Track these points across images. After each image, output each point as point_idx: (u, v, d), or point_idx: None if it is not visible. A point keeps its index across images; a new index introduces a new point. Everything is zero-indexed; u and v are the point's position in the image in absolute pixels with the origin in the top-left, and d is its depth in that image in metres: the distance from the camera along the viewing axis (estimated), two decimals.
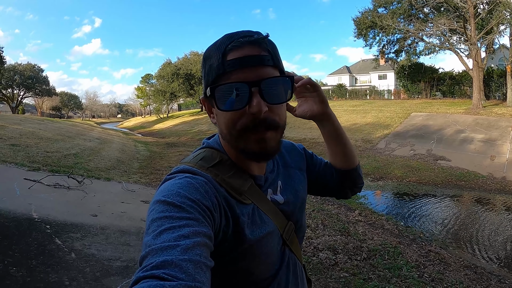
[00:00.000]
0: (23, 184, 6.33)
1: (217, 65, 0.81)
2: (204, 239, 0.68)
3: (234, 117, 0.82)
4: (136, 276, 0.60)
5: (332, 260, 4.53)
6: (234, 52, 0.80)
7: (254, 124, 0.81)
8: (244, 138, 0.83)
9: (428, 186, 10.75)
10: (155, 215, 0.71)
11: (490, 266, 5.31)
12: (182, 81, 48.53)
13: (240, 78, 0.80)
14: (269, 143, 0.84)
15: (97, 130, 28.59)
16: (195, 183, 0.78)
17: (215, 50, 0.83)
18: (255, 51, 0.81)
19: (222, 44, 0.82)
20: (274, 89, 0.82)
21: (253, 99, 0.79)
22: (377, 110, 24.73)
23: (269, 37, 0.85)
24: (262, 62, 0.81)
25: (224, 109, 0.82)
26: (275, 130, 0.85)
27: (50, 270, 3.35)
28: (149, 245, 0.65)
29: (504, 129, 15.04)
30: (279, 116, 0.85)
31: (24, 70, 57.56)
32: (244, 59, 0.80)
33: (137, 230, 5.02)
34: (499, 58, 26.82)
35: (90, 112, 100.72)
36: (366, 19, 27.33)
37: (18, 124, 17.62)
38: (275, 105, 0.83)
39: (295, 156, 1.14)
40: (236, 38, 0.81)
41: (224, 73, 0.81)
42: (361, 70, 62.62)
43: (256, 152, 0.85)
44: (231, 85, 0.79)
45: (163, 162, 13.04)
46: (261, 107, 0.79)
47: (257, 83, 0.79)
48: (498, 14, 19.41)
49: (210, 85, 0.83)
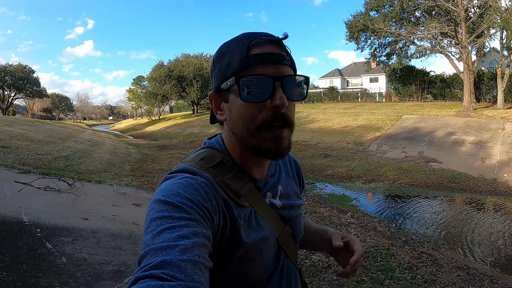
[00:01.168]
0: (13, 187, 6.25)
1: (241, 58, 0.82)
2: (203, 240, 0.68)
3: (254, 110, 0.82)
4: (135, 275, 0.59)
5: (324, 263, 4.52)
6: (257, 48, 0.83)
7: (274, 118, 0.82)
8: (260, 135, 0.83)
9: (420, 188, 10.81)
10: (155, 215, 0.71)
11: (483, 267, 5.34)
12: (174, 83, 48.40)
13: (264, 72, 0.81)
14: (283, 142, 0.85)
15: (88, 132, 28.44)
16: (195, 184, 0.78)
17: (235, 45, 0.85)
18: (276, 49, 0.84)
19: (244, 40, 0.84)
20: (293, 87, 0.85)
21: (276, 92, 0.81)
22: (369, 112, 24.85)
23: (287, 38, 0.87)
24: (283, 60, 0.84)
25: (248, 100, 0.82)
26: (289, 128, 0.86)
27: (41, 274, 3.30)
28: (148, 244, 0.65)
29: (495, 131, 15.19)
30: (292, 114, 0.87)
31: (15, 71, 57.11)
32: (268, 55, 0.82)
33: (128, 233, 4.98)
34: (490, 61, 27.07)
35: (81, 114, 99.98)
36: (358, 22, 27.50)
37: (9, 125, 17.47)
38: (292, 102, 0.85)
39: (296, 172, 1.15)
40: (258, 35, 0.84)
41: (248, 66, 0.82)
42: (352, 73, 62.88)
43: (271, 150, 0.85)
44: (257, 77, 0.81)
45: (154, 165, 12.97)
46: (284, 100, 0.81)
47: (280, 78, 0.81)
48: (488, 18, 19.61)
49: (231, 76, 0.84)
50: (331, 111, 28.00)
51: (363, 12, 27.81)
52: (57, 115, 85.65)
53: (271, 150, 0.85)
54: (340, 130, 21.15)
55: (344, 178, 12.28)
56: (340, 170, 13.41)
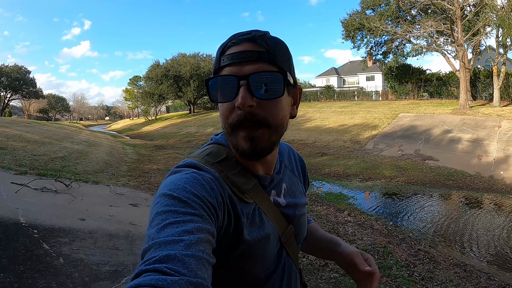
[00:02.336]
0: (10, 188, 6.23)
1: (216, 60, 0.85)
2: (208, 236, 0.68)
3: (225, 111, 0.83)
4: (138, 269, 0.59)
5: (322, 261, 4.52)
6: (232, 48, 0.83)
7: (244, 118, 0.81)
8: (235, 134, 0.84)
9: (417, 185, 10.83)
10: (160, 208, 0.71)
11: (480, 264, 5.36)
12: (171, 82, 48.32)
13: (231, 72, 0.81)
14: (259, 142, 0.83)
15: (85, 133, 28.33)
16: (202, 180, 0.78)
17: (218, 48, 0.86)
18: (250, 47, 0.82)
19: (225, 41, 0.85)
20: (264, 84, 0.81)
21: (239, 92, 0.80)
22: (365, 111, 24.89)
23: (269, 34, 0.86)
24: (254, 57, 0.81)
25: (215, 100, 0.84)
26: (266, 128, 0.83)
27: (38, 275, 3.30)
28: (153, 238, 0.65)
29: (491, 128, 15.25)
30: (270, 113, 0.83)
31: (11, 71, 56.91)
32: (236, 54, 0.81)
33: (125, 233, 4.97)
34: (486, 59, 27.22)
35: (78, 114, 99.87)
36: (354, 21, 27.59)
37: (5, 127, 17.37)
38: (265, 101, 0.81)
39: (302, 170, 1.16)
40: (239, 34, 0.84)
41: (219, 68, 0.84)
42: (349, 72, 62.92)
43: (246, 150, 0.84)
44: (222, 78, 0.82)
45: (151, 165, 12.95)
46: (245, 100, 0.79)
47: (246, 77, 0.79)
48: (484, 16, 19.67)
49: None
50: (328, 110, 28.02)
51: (359, 11, 27.92)
52: (53, 116, 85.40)
53: (246, 149, 0.84)
54: (337, 128, 21.16)
55: (341, 177, 12.30)
56: (337, 168, 13.42)
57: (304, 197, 1.09)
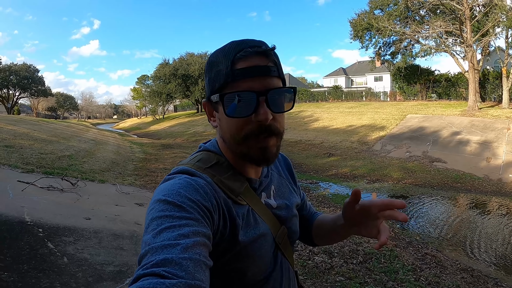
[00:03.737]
0: (16, 186, 6.26)
1: (226, 73, 0.84)
2: (204, 239, 0.69)
3: (240, 123, 0.85)
4: (136, 274, 0.60)
5: (327, 264, 4.49)
6: (242, 62, 0.83)
7: (259, 131, 0.85)
8: (247, 144, 0.86)
9: (424, 188, 10.75)
10: (155, 214, 0.72)
11: (487, 269, 5.30)
12: (179, 82, 48.45)
13: (248, 87, 0.83)
14: (270, 150, 0.88)
15: (92, 131, 28.48)
16: (195, 184, 0.80)
17: (223, 57, 0.86)
18: (262, 61, 0.85)
19: (231, 52, 0.85)
20: (278, 99, 0.86)
21: (259, 107, 0.83)
22: (373, 112, 24.80)
23: (276, 49, 0.89)
24: (269, 72, 0.85)
25: (232, 115, 0.84)
26: (277, 137, 0.88)
27: (42, 275, 3.30)
28: (149, 243, 0.66)
29: (500, 131, 15.10)
30: (280, 123, 0.89)
31: (20, 70, 57.31)
32: (253, 69, 0.83)
33: (130, 233, 4.97)
34: (495, 60, 26.90)
35: (86, 113, 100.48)
36: (362, 21, 27.45)
37: (13, 125, 17.51)
38: (278, 113, 0.87)
39: (287, 170, 1.17)
40: (244, 47, 0.85)
41: (233, 81, 0.84)
42: (357, 72, 62.76)
43: (259, 158, 0.88)
44: (240, 93, 0.83)
45: (158, 164, 12.97)
46: (267, 115, 0.83)
47: (264, 92, 0.83)
48: (494, 17, 19.50)
49: (217, 91, 0.86)
50: (336, 110, 27.97)
51: (367, 11, 27.76)
52: (61, 114, 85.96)
53: (258, 157, 0.88)
54: (345, 129, 21.10)
55: (348, 178, 12.24)
56: (344, 169, 13.37)
57: (295, 196, 1.12)
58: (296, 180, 1.19)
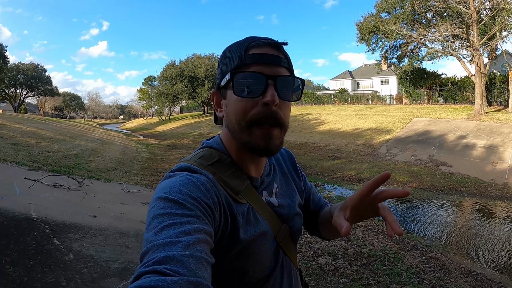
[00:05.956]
0: (23, 183, 6.31)
1: (239, 57, 0.87)
2: (205, 236, 0.69)
3: (247, 105, 0.86)
4: (138, 271, 0.60)
5: (331, 265, 4.49)
6: (255, 49, 0.87)
7: (265, 115, 0.85)
8: (250, 131, 0.86)
9: (429, 191, 10.72)
10: (157, 212, 0.71)
11: (491, 273, 5.27)
12: (185, 83, 48.53)
13: (259, 70, 0.85)
14: (273, 140, 0.87)
15: (98, 131, 28.63)
16: (196, 181, 0.79)
17: (237, 46, 0.90)
18: (273, 51, 0.88)
19: (245, 42, 0.89)
20: (287, 87, 0.88)
21: (268, 90, 0.84)
22: (379, 115, 24.70)
23: (287, 45, 0.91)
24: (279, 62, 0.87)
25: (240, 95, 0.86)
26: (280, 128, 0.88)
27: (47, 270, 3.33)
28: (151, 241, 0.66)
29: (506, 135, 15.00)
30: (285, 115, 0.89)
31: (27, 69, 57.78)
32: (265, 55, 0.86)
33: (136, 231, 5.00)
34: (502, 64, 26.71)
35: (92, 113, 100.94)
36: (369, 24, 27.43)
37: (20, 123, 17.63)
38: (285, 102, 0.88)
39: (291, 165, 1.16)
40: (259, 39, 0.89)
41: (244, 64, 0.86)
42: (363, 75, 62.59)
43: (260, 147, 0.87)
44: (251, 74, 0.85)
45: (164, 164, 13.03)
46: (274, 97, 0.84)
47: (274, 77, 0.85)
48: (501, 20, 19.38)
49: (229, 72, 0.88)
50: (342, 113, 27.89)
51: (374, 14, 27.72)
52: (68, 114, 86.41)
53: (260, 146, 0.87)
54: (350, 132, 21.05)
55: (354, 181, 12.21)
56: (349, 172, 13.34)
57: (299, 193, 1.11)
58: (300, 173, 1.18)
